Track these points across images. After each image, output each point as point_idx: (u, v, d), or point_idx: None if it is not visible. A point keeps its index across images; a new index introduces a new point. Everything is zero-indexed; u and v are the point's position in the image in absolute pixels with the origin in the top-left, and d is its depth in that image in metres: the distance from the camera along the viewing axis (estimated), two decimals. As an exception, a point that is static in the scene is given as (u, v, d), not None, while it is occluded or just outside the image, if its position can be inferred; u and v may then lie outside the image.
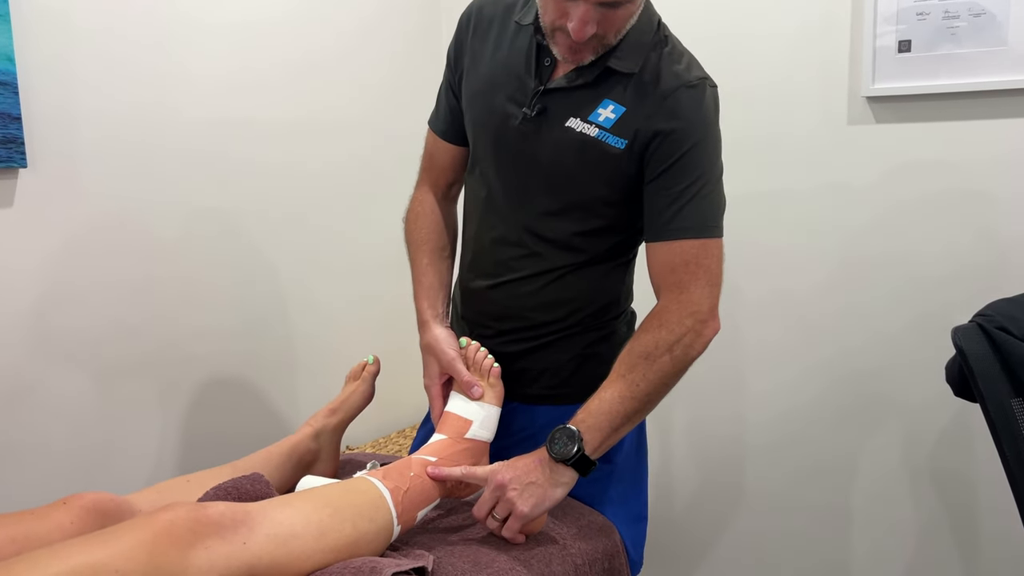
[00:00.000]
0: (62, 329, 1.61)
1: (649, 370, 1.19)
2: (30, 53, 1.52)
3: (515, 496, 1.16)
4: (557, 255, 1.32)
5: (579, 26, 1.14)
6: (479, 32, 1.36)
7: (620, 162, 1.24)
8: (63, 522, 1.08)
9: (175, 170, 1.78)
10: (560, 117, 1.25)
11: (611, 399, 1.19)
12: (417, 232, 1.47)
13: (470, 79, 1.37)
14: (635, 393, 1.19)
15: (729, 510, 2.19)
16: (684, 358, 1.20)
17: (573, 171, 1.26)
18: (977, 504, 1.89)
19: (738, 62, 2.01)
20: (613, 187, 1.27)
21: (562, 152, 1.26)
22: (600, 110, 1.24)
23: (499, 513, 1.17)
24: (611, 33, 1.19)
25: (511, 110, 1.29)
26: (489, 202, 1.36)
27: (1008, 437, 1.21)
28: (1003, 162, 1.79)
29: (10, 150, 1.49)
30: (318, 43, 2.08)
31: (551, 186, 1.29)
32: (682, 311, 1.20)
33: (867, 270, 1.95)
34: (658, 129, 1.21)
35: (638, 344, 1.21)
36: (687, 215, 1.21)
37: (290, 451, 1.40)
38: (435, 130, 1.47)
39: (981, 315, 1.26)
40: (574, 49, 1.19)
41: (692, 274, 1.21)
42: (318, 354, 2.15)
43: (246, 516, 0.95)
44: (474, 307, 1.42)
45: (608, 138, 1.23)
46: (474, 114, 1.37)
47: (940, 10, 1.78)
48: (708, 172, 1.23)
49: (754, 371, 2.11)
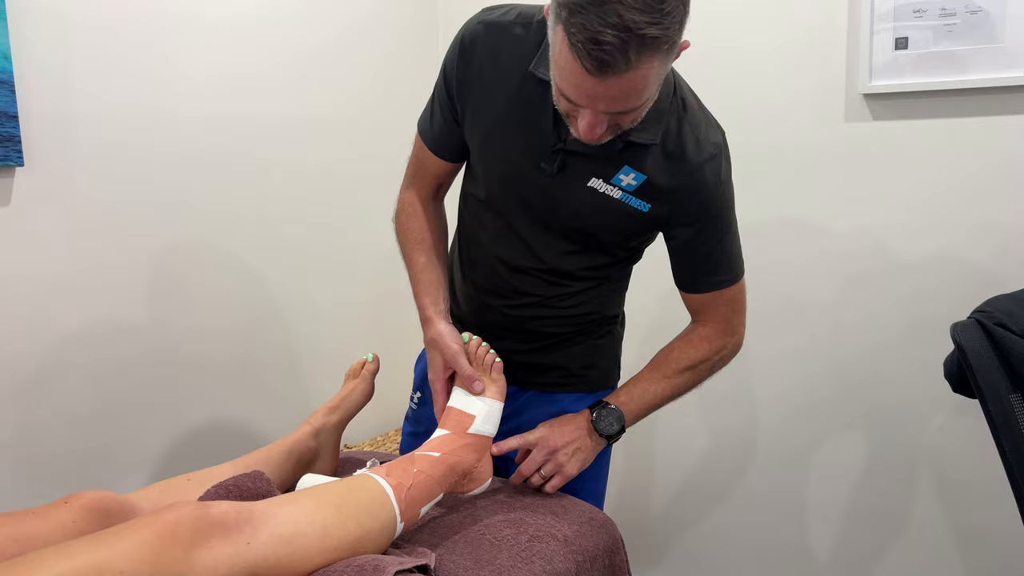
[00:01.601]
0: (59, 328, 1.61)
1: (691, 379, 1.39)
2: (27, 51, 1.51)
3: (565, 460, 1.33)
4: (573, 283, 1.40)
5: (588, 130, 1.12)
6: (485, 64, 1.30)
7: (642, 221, 1.31)
8: (65, 521, 1.08)
9: (172, 168, 1.78)
10: (582, 176, 1.27)
11: (654, 393, 1.37)
12: (411, 232, 1.47)
13: (479, 115, 1.33)
14: (674, 393, 1.39)
15: (729, 512, 2.20)
16: (716, 369, 1.41)
17: (595, 224, 1.32)
18: (977, 504, 1.90)
19: (736, 60, 2.01)
20: (632, 238, 1.36)
21: (585, 207, 1.29)
22: (622, 176, 1.27)
23: (547, 471, 1.33)
24: (626, 125, 1.15)
25: (528, 163, 1.29)
26: (505, 234, 1.39)
27: (1007, 432, 1.21)
28: (1000, 158, 1.79)
29: (7, 148, 1.48)
30: (314, 42, 2.08)
31: (571, 232, 1.34)
32: (726, 336, 1.39)
33: (865, 266, 1.95)
34: (684, 199, 1.28)
35: (685, 356, 1.38)
36: (721, 269, 1.35)
37: (290, 449, 1.39)
38: (426, 142, 1.43)
39: (980, 311, 1.26)
40: (588, 134, 1.14)
41: (733, 311, 1.39)
42: (317, 352, 2.15)
43: (250, 515, 0.95)
44: (486, 318, 1.45)
45: (631, 200, 1.28)
46: (486, 156, 1.36)
47: (936, 8, 1.79)
48: (731, 226, 1.34)
49: (752, 370, 2.11)
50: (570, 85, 1.07)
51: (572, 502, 1.34)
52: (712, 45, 2.03)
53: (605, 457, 1.49)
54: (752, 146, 2.01)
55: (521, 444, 1.34)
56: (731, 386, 2.13)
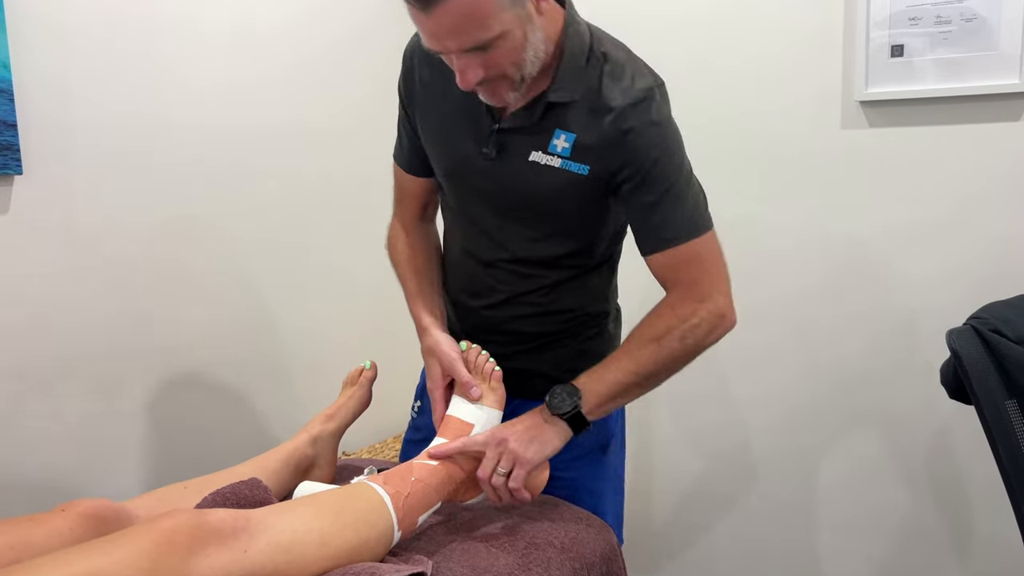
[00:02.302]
0: (58, 335, 1.61)
1: (658, 353, 1.24)
2: (26, 60, 1.52)
3: (517, 446, 1.21)
4: (548, 273, 1.36)
5: (461, 77, 1.15)
6: (424, 72, 1.36)
7: (587, 187, 1.26)
8: (61, 529, 1.08)
9: (170, 177, 1.78)
10: (522, 152, 1.27)
11: (616, 370, 1.25)
12: (400, 254, 1.49)
13: (426, 119, 1.38)
14: (640, 370, 1.24)
15: (728, 519, 2.19)
16: (695, 346, 1.25)
17: (547, 199, 1.29)
18: (976, 509, 1.90)
19: (733, 67, 2.02)
20: (587, 209, 1.30)
21: (532, 184, 1.27)
22: (555, 141, 1.25)
23: (504, 466, 1.21)
24: (506, 70, 1.16)
25: (471, 150, 1.31)
26: (471, 232, 1.39)
27: (1003, 439, 1.22)
28: (995, 165, 1.80)
29: (6, 157, 1.49)
30: (313, 50, 2.09)
31: (529, 216, 1.32)
32: (694, 301, 1.24)
33: (861, 272, 1.96)
34: (616, 149, 1.23)
35: (650, 327, 1.26)
36: (673, 223, 1.24)
37: (287, 457, 1.40)
38: (400, 164, 1.48)
39: (975, 318, 1.27)
40: (490, 93, 1.20)
41: (700, 271, 1.25)
42: (315, 360, 2.15)
43: (247, 523, 0.95)
44: (469, 323, 1.45)
45: (571, 166, 1.25)
46: (436, 156, 1.39)
47: (932, 15, 1.79)
48: (678, 174, 1.25)
49: (748, 375, 2.11)
50: (422, 35, 1.12)
51: (569, 509, 1.34)
52: (709, 52, 2.03)
53: (609, 457, 1.45)
54: (749, 152, 2.01)
55: (465, 445, 1.25)
56: (727, 391, 2.13)
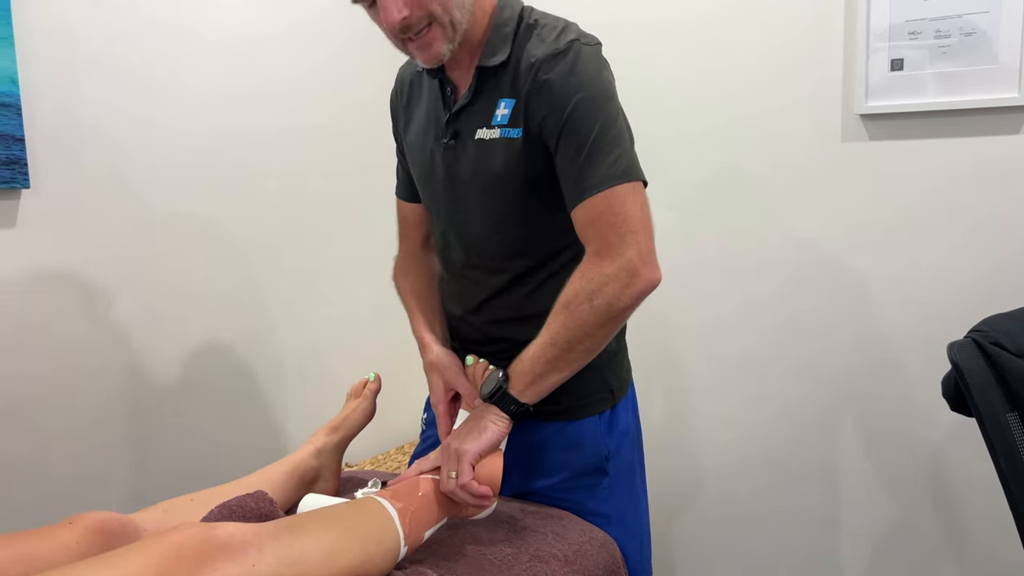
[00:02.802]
0: (64, 347, 1.62)
1: (569, 318, 1.19)
2: (33, 75, 1.53)
3: (456, 443, 1.21)
4: (513, 266, 1.33)
5: (386, 16, 1.16)
6: (405, 96, 1.44)
7: (524, 151, 1.23)
8: (68, 542, 1.08)
9: (176, 190, 1.79)
10: (471, 133, 1.28)
11: (535, 345, 1.22)
12: (404, 283, 1.53)
13: (408, 138, 1.43)
14: (555, 340, 1.20)
15: (728, 530, 2.20)
16: (608, 307, 1.18)
17: (494, 176, 1.27)
18: (977, 520, 1.91)
19: (733, 81, 2.03)
20: (533, 179, 1.26)
21: (479, 163, 1.28)
22: (497, 111, 1.25)
23: (450, 465, 1.20)
24: (431, 6, 1.17)
25: (432, 146, 1.35)
26: (447, 236, 1.41)
27: (1004, 451, 1.22)
28: (995, 178, 1.81)
29: (13, 171, 1.50)
30: (315, 57, 2.10)
31: (484, 198, 1.30)
32: (601, 260, 1.18)
33: (862, 285, 1.97)
34: (538, 104, 1.21)
35: (561, 295, 1.21)
36: (588, 173, 1.19)
37: (292, 469, 1.40)
38: (400, 196, 1.55)
39: (976, 330, 1.27)
40: (422, 46, 1.21)
41: (609, 225, 1.18)
42: (318, 372, 2.16)
43: (255, 537, 0.96)
44: (460, 335, 1.46)
45: (509, 132, 1.24)
46: (413, 163, 1.43)
47: (931, 29, 1.81)
48: (602, 125, 1.19)
49: (744, 386, 2.12)
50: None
51: (573, 522, 1.34)
52: (709, 65, 2.05)
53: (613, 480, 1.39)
54: (750, 165, 2.03)
55: (420, 468, 1.26)
56: (728, 403, 2.14)
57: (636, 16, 2.10)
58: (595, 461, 1.38)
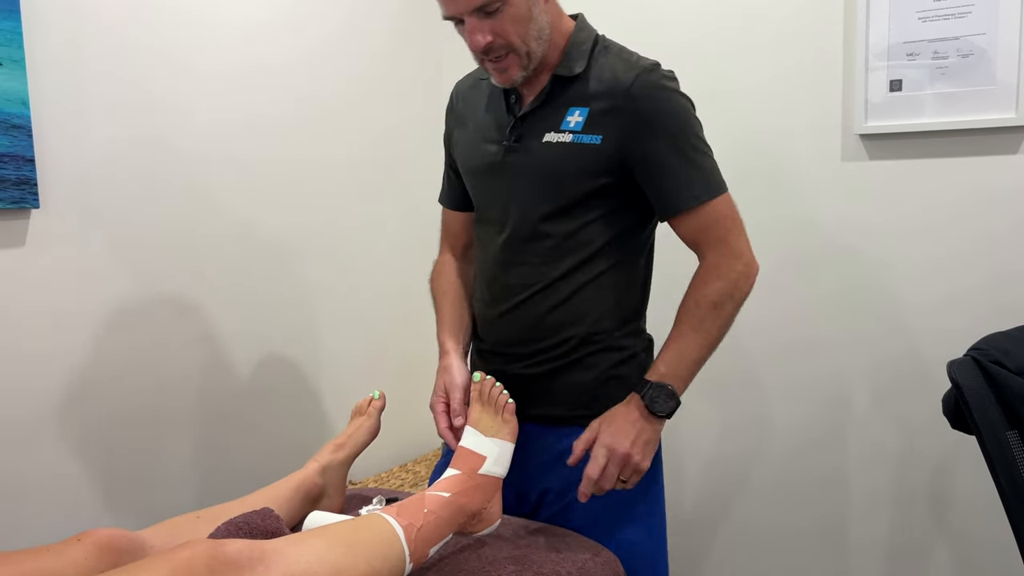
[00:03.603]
0: (73, 367, 1.63)
1: (719, 318, 1.32)
2: (44, 97, 1.55)
3: (639, 459, 1.28)
4: (562, 261, 1.38)
5: (471, 39, 1.29)
6: (462, 104, 1.53)
7: (599, 155, 1.33)
8: (77, 559, 1.09)
9: (184, 211, 1.81)
10: (537, 136, 1.37)
11: (689, 349, 1.32)
12: (439, 286, 1.58)
13: (461, 143, 1.51)
14: (709, 341, 1.33)
15: (729, 545, 2.20)
16: (742, 300, 1.35)
17: (560, 173, 1.35)
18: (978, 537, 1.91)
19: (733, 100, 2.06)
20: (598, 179, 1.35)
21: (546, 161, 1.36)
22: (568, 118, 1.35)
23: (625, 476, 1.28)
24: (511, 39, 1.29)
25: (492, 148, 1.43)
26: (492, 233, 1.45)
27: (1004, 468, 1.23)
28: (993, 197, 1.83)
29: (23, 191, 1.52)
30: (330, 86, 2.13)
31: (543, 192, 1.37)
32: (732, 261, 1.34)
33: (862, 304, 1.98)
34: (629, 115, 1.31)
35: (703, 297, 1.33)
36: (693, 183, 1.33)
37: (297, 486, 1.41)
38: (444, 204, 1.63)
39: (975, 349, 1.28)
40: (499, 69, 1.33)
41: (726, 228, 1.34)
42: (323, 388, 2.17)
43: (263, 554, 0.97)
44: (493, 336, 1.47)
45: (583, 138, 1.33)
46: (466, 165, 1.49)
47: (929, 51, 1.83)
48: (696, 138, 1.34)
49: (749, 398, 2.13)
50: (441, 3, 1.28)
51: (576, 539, 1.35)
52: (709, 85, 2.06)
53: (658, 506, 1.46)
54: (751, 185, 2.04)
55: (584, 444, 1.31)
56: (728, 420, 2.15)
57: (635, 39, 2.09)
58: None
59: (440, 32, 2.28)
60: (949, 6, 1.81)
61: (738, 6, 2.05)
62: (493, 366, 1.45)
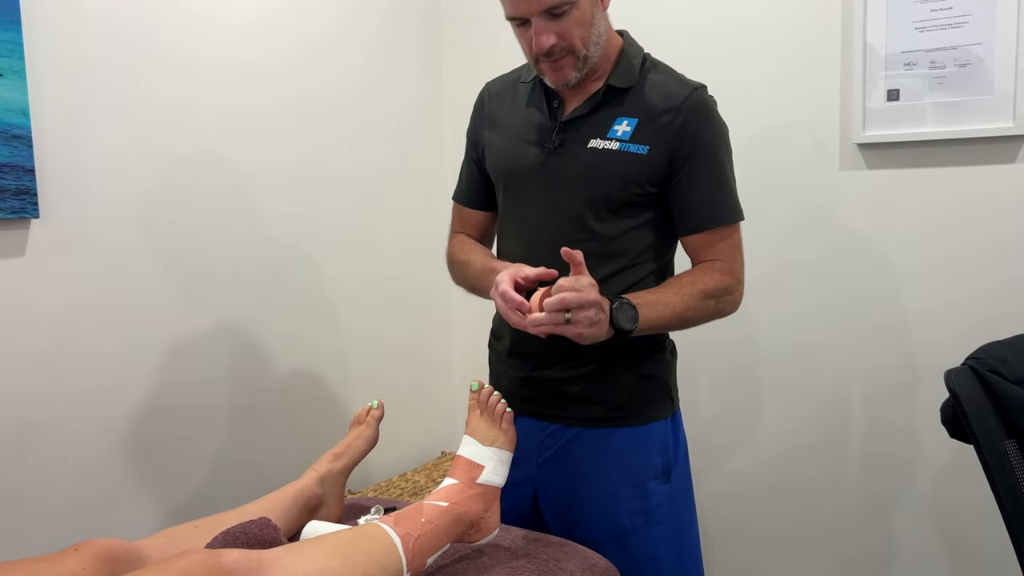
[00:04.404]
0: (72, 375, 1.63)
1: (705, 308, 1.37)
2: (44, 107, 1.56)
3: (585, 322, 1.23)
4: (601, 266, 1.38)
5: (536, 39, 1.32)
6: (495, 105, 1.55)
7: (645, 164, 1.37)
8: (75, 568, 1.09)
9: (183, 220, 1.81)
10: (581, 141, 1.41)
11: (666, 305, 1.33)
12: (461, 254, 1.56)
13: (495, 144, 1.52)
14: (684, 313, 1.35)
15: (729, 553, 2.20)
16: (720, 312, 1.40)
17: (604, 178, 1.38)
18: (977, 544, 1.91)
19: (734, 110, 2.05)
20: (640, 186, 1.39)
21: (589, 165, 1.39)
22: (616, 127, 1.39)
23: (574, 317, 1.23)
24: (574, 41, 1.33)
25: (533, 151, 1.45)
26: (525, 237, 1.46)
27: (1002, 478, 1.23)
28: (991, 206, 1.83)
29: (23, 201, 1.52)
30: (331, 88, 2.13)
31: (586, 196, 1.39)
32: (731, 280, 1.40)
33: (861, 313, 1.98)
34: (676, 129, 1.37)
35: (699, 280, 1.37)
36: (722, 204, 1.40)
37: (295, 496, 1.41)
38: (459, 201, 1.63)
39: (973, 358, 1.28)
40: (555, 68, 1.36)
41: (733, 248, 1.42)
42: (322, 398, 2.17)
43: (260, 564, 0.97)
44: (527, 339, 1.42)
45: (630, 147, 1.37)
46: (501, 166, 1.50)
47: (927, 60, 1.84)
48: (727, 163, 1.42)
49: (748, 407, 2.13)
50: (507, 3, 1.31)
51: (574, 548, 1.35)
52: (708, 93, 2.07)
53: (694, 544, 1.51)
54: (749, 193, 2.03)
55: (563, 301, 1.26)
56: (728, 426, 2.15)
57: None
58: (663, 461, 1.45)
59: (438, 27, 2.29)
60: (946, 16, 1.82)
61: (736, 15, 2.06)
62: (523, 372, 1.47)
